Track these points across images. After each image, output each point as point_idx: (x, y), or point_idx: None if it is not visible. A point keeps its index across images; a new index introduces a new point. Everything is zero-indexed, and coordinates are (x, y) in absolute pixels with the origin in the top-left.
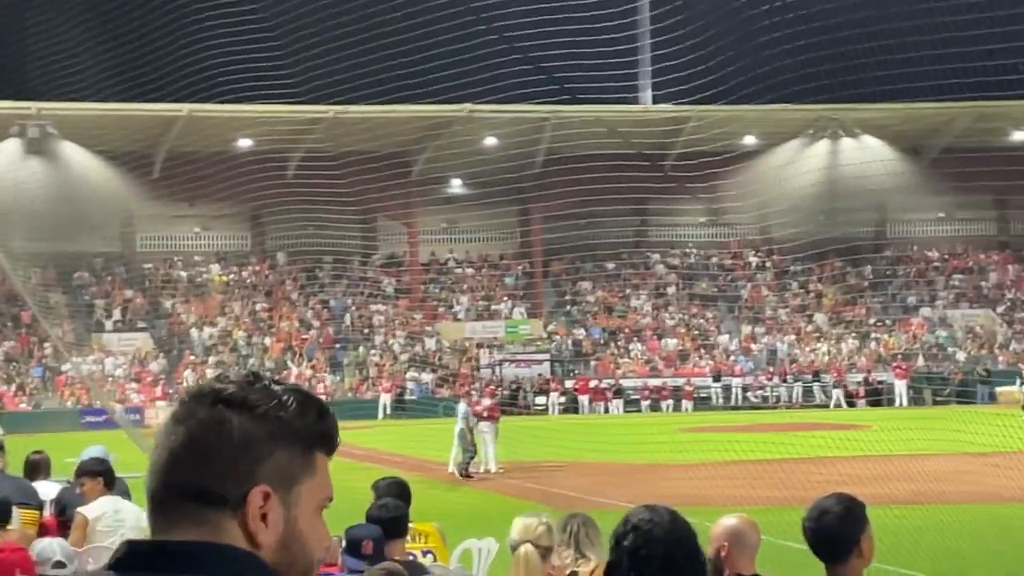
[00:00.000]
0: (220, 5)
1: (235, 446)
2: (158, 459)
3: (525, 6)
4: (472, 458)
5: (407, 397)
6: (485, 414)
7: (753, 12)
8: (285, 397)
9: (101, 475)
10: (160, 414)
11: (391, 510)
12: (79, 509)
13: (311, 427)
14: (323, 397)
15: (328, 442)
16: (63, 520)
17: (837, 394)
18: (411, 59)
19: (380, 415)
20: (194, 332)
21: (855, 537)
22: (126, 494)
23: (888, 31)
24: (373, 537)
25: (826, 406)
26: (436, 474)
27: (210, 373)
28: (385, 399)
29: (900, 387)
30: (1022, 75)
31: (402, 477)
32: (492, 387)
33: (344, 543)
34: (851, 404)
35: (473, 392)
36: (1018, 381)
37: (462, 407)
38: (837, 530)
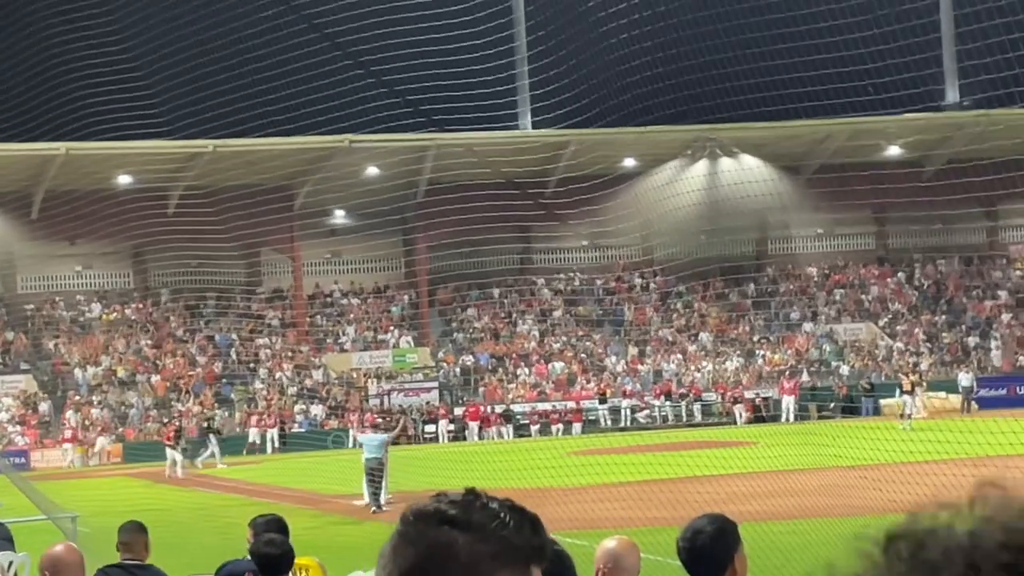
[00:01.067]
0: (88, 46)
1: (462, 567)
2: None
3: (390, 40)
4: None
5: (295, 430)
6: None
7: (629, 35)
8: (504, 515)
9: None
10: (46, 456)
11: (278, 545)
12: None
13: (528, 543)
14: (215, 431)
15: (541, 555)
16: None
17: (734, 409)
18: (286, 93)
19: (268, 450)
20: (78, 372)
21: (728, 556)
22: (9, 541)
23: (764, 52)
24: (252, 570)
25: (713, 424)
26: (324, 506)
27: (95, 413)
28: (272, 433)
29: (788, 402)
30: (895, 92)
31: (280, 513)
32: (373, 416)
33: None
34: (749, 420)
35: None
36: (897, 392)
37: (375, 436)
38: (710, 550)
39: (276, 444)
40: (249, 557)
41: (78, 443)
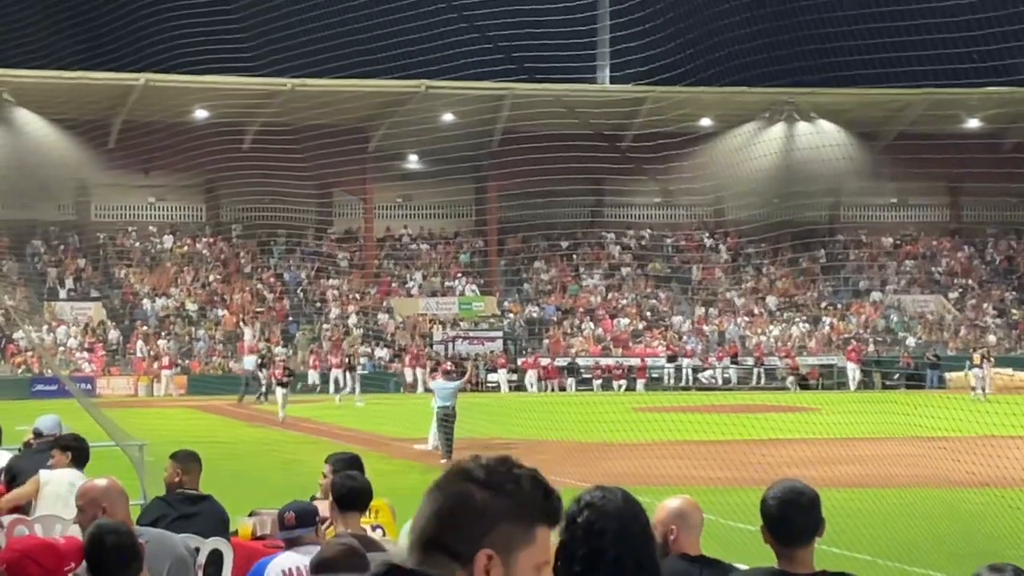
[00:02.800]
0: None
1: (474, 516)
2: (423, 514)
3: None
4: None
5: (359, 372)
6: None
7: None
8: (522, 480)
9: (70, 449)
10: (111, 384)
11: (355, 483)
12: (40, 471)
13: (537, 505)
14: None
15: (551, 518)
16: (13, 487)
17: (788, 377)
18: (370, 35)
19: (332, 390)
20: (147, 303)
21: (820, 522)
22: (85, 459)
23: (845, 17)
24: (294, 510)
25: (776, 389)
26: (387, 449)
27: (162, 344)
28: (336, 374)
29: (852, 369)
30: (976, 63)
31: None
32: (445, 364)
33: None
34: (803, 386)
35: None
36: (968, 365)
37: (447, 384)
38: (808, 514)
39: (343, 384)
40: (319, 495)
41: (144, 373)
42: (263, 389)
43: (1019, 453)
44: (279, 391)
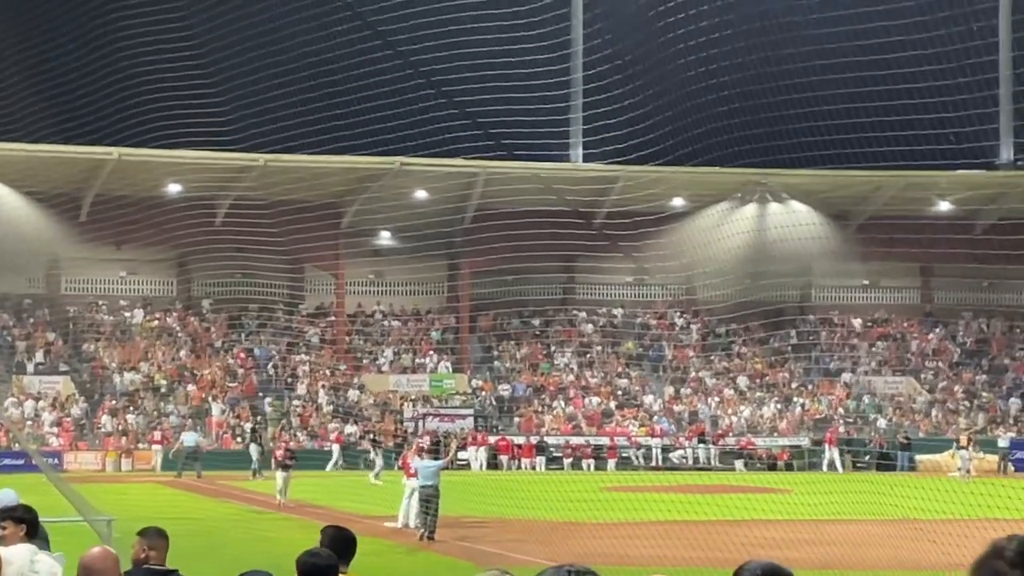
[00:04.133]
0: (158, 50)
1: None
2: None
3: (463, 61)
4: (436, 518)
5: (327, 448)
6: (413, 471)
7: (683, 76)
8: None
9: (24, 522)
10: (79, 459)
11: (320, 560)
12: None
13: None
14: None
15: None
16: None
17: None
18: (347, 110)
19: (329, 467)
20: (116, 377)
21: None
22: (45, 540)
23: (817, 98)
24: None
25: (742, 469)
26: (357, 526)
27: (130, 419)
28: (335, 449)
29: (830, 452)
30: (949, 145)
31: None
32: (420, 445)
33: None
34: (772, 467)
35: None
36: (954, 445)
37: (430, 463)
38: None
39: (340, 463)
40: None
41: (113, 448)
42: (255, 466)
43: (975, 537)
44: (280, 474)
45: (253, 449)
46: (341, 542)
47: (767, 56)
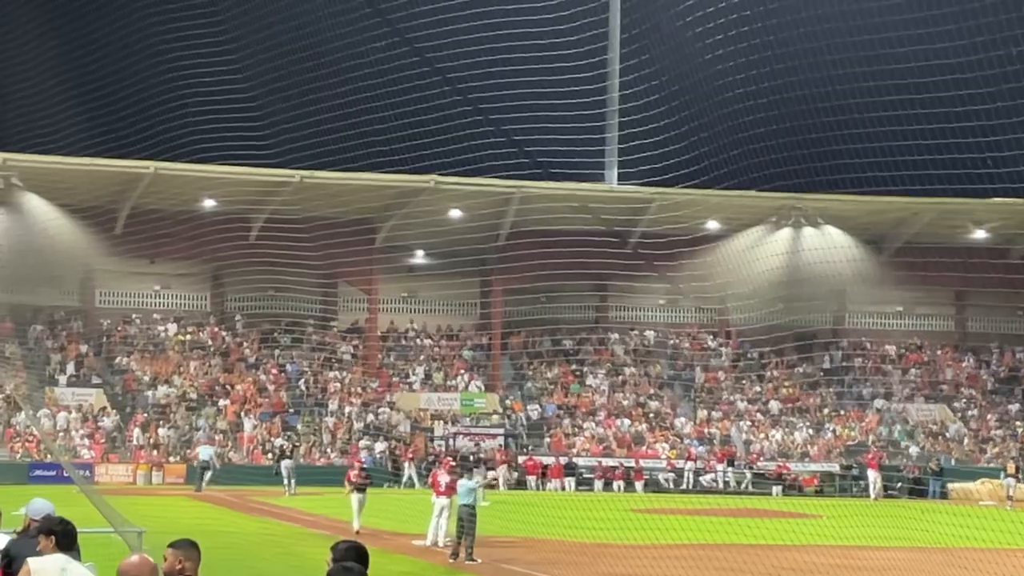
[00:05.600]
0: (196, 64)
1: None
2: None
3: (501, 79)
4: (473, 539)
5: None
6: (443, 488)
7: (720, 98)
8: None
9: (54, 534)
10: (110, 471)
11: (354, 571)
12: (28, 558)
13: None
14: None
15: None
16: (9, 572)
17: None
18: (384, 126)
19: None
20: (148, 391)
21: None
22: (76, 552)
23: (854, 121)
24: None
25: (770, 493)
26: (385, 543)
27: (162, 432)
28: (410, 468)
29: (873, 477)
30: (987, 171)
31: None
32: (449, 461)
33: None
34: (800, 492)
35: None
36: (1003, 474)
37: (468, 482)
38: None
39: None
40: None
41: (144, 461)
42: (286, 483)
43: (1007, 566)
44: (355, 497)
45: (284, 465)
46: (358, 555)
47: (805, 79)
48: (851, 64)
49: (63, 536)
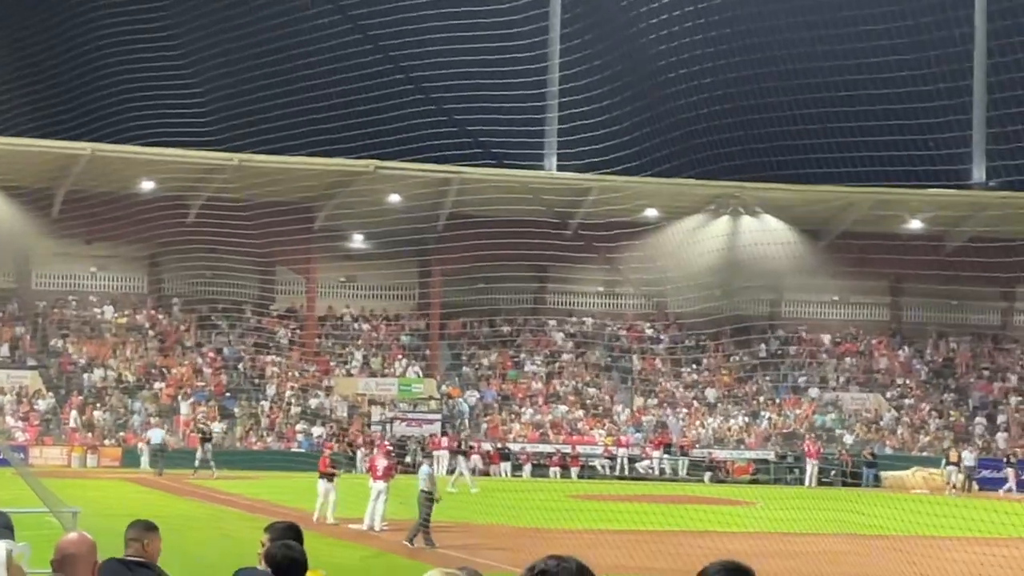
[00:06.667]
0: (134, 46)
1: None
2: None
3: (442, 58)
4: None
5: (294, 449)
6: (380, 473)
7: (660, 88)
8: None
9: None
10: (44, 454)
11: (293, 550)
12: None
13: None
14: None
15: None
16: None
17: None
18: (328, 103)
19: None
20: (84, 373)
21: None
22: (9, 529)
23: (793, 116)
24: None
25: (701, 480)
26: (319, 528)
27: (97, 415)
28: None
29: (811, 465)
30: (922, 166)
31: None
32: (386, 446)
33: None
34: (737, 481)
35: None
36: (943, 462)
37: (426, 469)
38: None
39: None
40: (260, 566)
41: (79, 444)
42: (207, 463)
43: (940, 554)
44: (322, 484)
45: (207, 449)
46: (295, 535)
47: (744, 71)
48: (793, 58)
49: None
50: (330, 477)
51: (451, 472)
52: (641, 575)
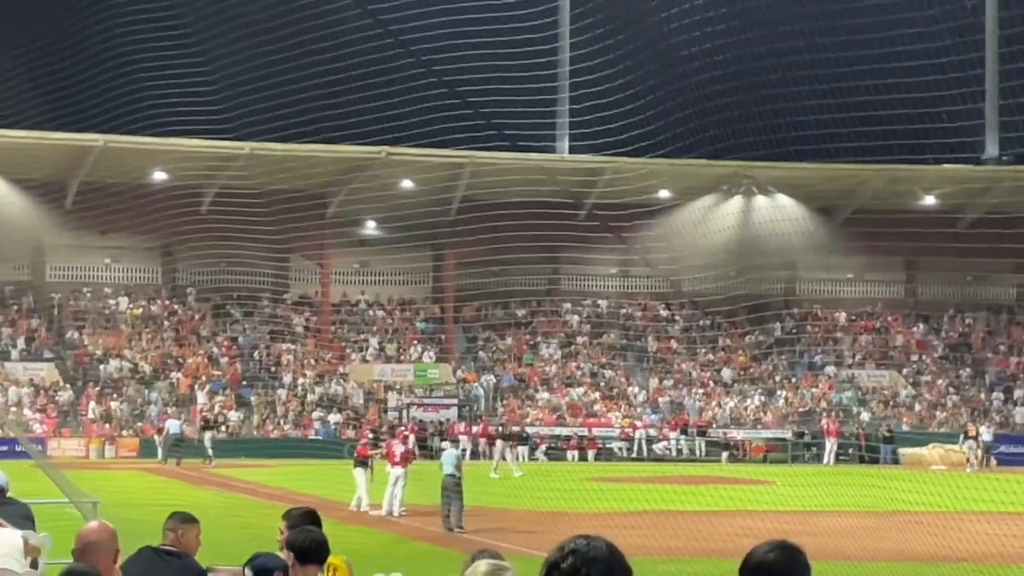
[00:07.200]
0: (146, 36)
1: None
2: None
3: (453, 40)
4: (462, 507)
5: (311, 436)
6: (397, 459)
7: (672, 68)
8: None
9: None
10: (62, 445)
11: (314, 535)
12: None
13: None
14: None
15: None
16: None
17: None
18: (341, 87)
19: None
20: (100, 365)
21: None
22: (27, 519)
23: (805, 92)
24: (281, 568)
25: (719, 460)
26: (338, 514)
27: (114, 406)
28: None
29: (831, 443)
30: (935, 140)
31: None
32: (403, 432)
33: (251, 573)
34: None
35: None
36: (961, 437)
37: (452, 452)
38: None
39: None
40: (281, 554)
41: (96, 435)
42: (210, 453)
43: (958, 529)
44: (359, 472)
45: (208, 436)
46: (313, 519)
47: (755, 49)
48: (805, 34)
49: None
50: (364, 463)
51: (474, 457)
52: (666, 556)
